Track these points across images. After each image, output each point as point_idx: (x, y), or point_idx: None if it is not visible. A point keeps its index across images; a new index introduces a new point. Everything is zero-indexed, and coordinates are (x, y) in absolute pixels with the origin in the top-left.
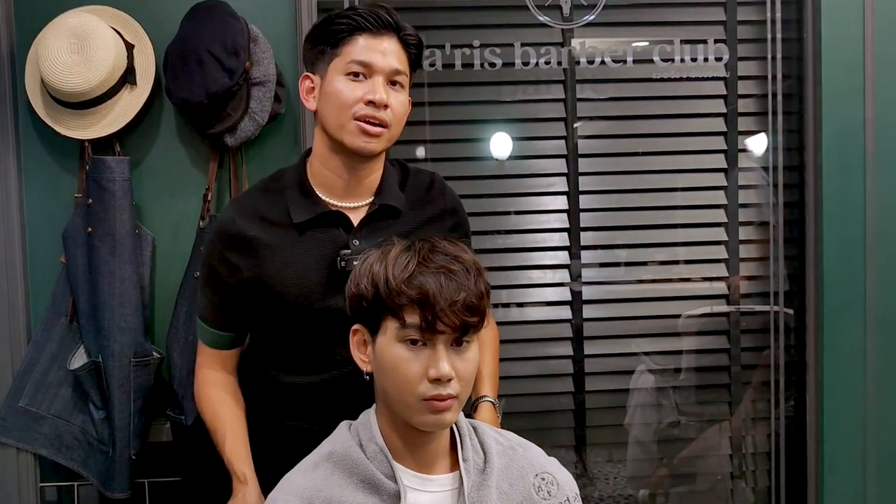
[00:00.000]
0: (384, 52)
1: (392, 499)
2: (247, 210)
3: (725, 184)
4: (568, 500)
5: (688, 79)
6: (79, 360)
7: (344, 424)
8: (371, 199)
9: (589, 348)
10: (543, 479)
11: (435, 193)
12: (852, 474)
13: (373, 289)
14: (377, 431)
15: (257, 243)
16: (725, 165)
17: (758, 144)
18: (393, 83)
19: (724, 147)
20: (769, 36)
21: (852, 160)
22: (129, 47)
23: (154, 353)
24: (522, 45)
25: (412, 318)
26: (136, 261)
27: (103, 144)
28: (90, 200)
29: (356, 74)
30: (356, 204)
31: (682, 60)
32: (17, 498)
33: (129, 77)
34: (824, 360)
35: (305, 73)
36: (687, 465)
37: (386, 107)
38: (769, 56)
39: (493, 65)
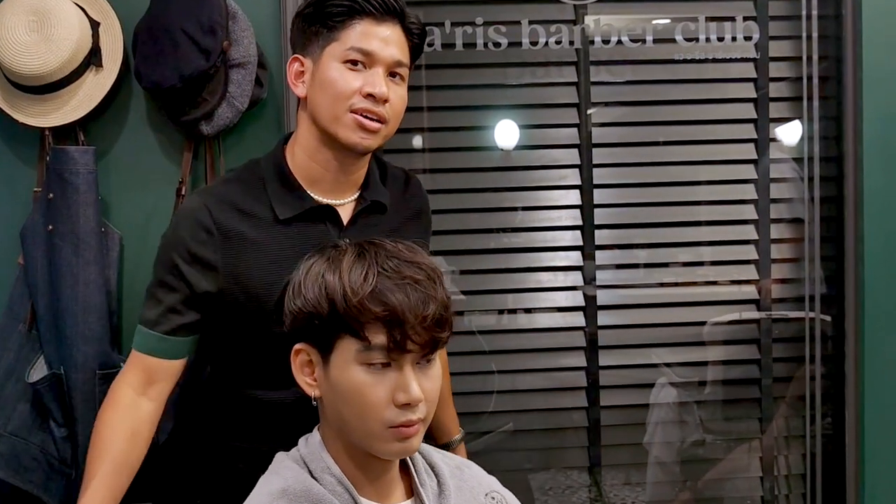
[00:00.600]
0: (386, 40)
1: None
2: (222, 200)
3: (756, 177)
4: None
5: (714, 60)
6: (38, 372)
7: (282, 456)
8: (357, 195)
9: (604, 359)
10: (493, 498)
11: (413, 190)
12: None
13: (327, 304)
14: (331, 461)
15: (236, 238)
16: (755, 156)
17: (791, 133)
18: (393, 75)
19: (755, 136)
20: (804, 13)
21: None
22: (95, 25)
23: (121, 365)
24: (530, 22)
25: (378, 339)
26: (101, 262)
27: (65, 133)
28: (51, 195)
29: (354, 63)
30: (343, 200)
31: (708, 40)
32: None
33: (93, 58)
34: (865, 371)
35: (295, 55)
36: (713, 488)
37: (385, 101)
38: (804, 35)
39: (497, 45)
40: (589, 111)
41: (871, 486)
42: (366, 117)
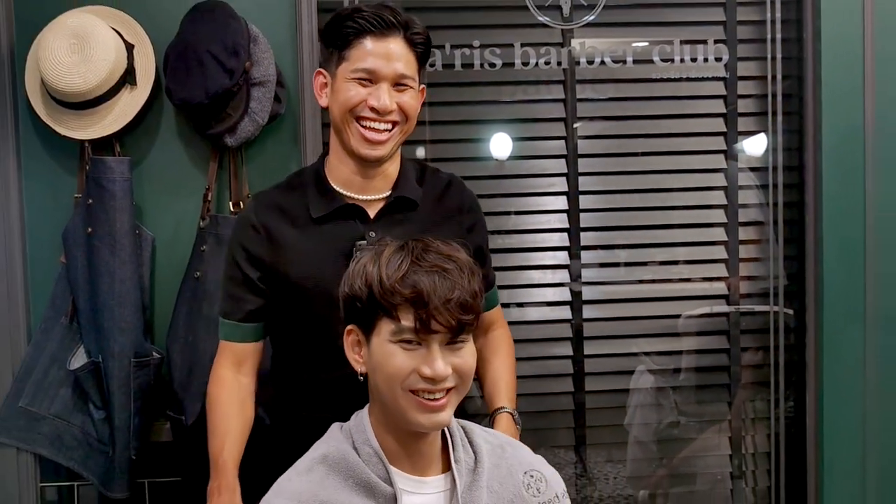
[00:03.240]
0: (389, 55)
1: (388, 502)
2: (268, 204)
3: (725, 184)
4: (556, 496)
5: (687, 79)
6: (79, 360)
7: (336, 426)
8: (388, 193)
9: (589, 348)
10: (532, 476)
11: (453, 191)
12: (852, 475)
13: (366, 289)
14: (371, 434)
15: (277, 235)
16: (725, 166)
17: (757, 145)
18: (400, 85)
19: (724, 147)
20: (769, 36)
21: (852, 160)
22: (129, 47)
23: (154, 354)
24: (522, 45)
25: (406, 319)
26: (135, 261)
27: (103, 144)
28: (90, 200)
29: (362, 80)
30: (373, 197)
31: (682, 61)
32: (17, 498)
33: (129, 77)
34: (824, 360)
35: (318, 69)
36: (687, 465)
37: (391, 111)
38: (769, 56)
39: (493, 65)
40: (575, 125)
41: (829, 463)
42: (371, 129)
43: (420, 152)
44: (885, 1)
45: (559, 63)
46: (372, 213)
